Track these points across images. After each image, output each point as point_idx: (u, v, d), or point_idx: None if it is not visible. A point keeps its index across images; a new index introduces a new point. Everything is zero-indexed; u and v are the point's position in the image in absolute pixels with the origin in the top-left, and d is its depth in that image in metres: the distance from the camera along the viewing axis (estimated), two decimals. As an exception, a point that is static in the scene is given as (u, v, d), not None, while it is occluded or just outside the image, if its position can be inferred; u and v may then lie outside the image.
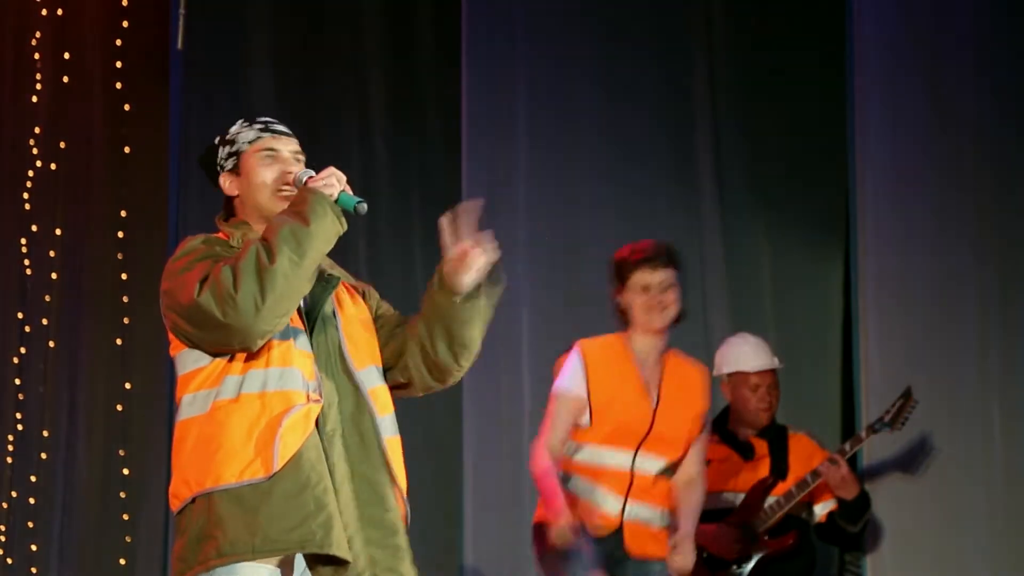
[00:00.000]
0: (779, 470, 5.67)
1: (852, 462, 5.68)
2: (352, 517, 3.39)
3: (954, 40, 5.71)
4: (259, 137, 3.60)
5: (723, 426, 5.78)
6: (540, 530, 4.87)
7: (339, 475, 3.40)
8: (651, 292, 4.90)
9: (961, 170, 5.69)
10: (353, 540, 3.37)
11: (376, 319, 3.69)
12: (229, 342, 3.35)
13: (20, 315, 7.56)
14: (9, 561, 7.41)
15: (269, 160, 3.58)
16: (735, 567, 5.62)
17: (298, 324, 3.47)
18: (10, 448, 7.49)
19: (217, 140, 3.66)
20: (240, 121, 3.65)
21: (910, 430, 5.64)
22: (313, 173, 3.51)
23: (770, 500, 5.63)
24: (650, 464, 4.91)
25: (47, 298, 7.55)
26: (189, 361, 3.44)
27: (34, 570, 7.40)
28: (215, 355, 3.40)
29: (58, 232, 7.57)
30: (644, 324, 4.93)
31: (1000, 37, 5.68)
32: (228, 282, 3.30)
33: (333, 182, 3.44)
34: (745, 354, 5.79)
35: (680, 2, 6.81)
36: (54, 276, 7.55)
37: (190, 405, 3.42)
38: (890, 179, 5.74)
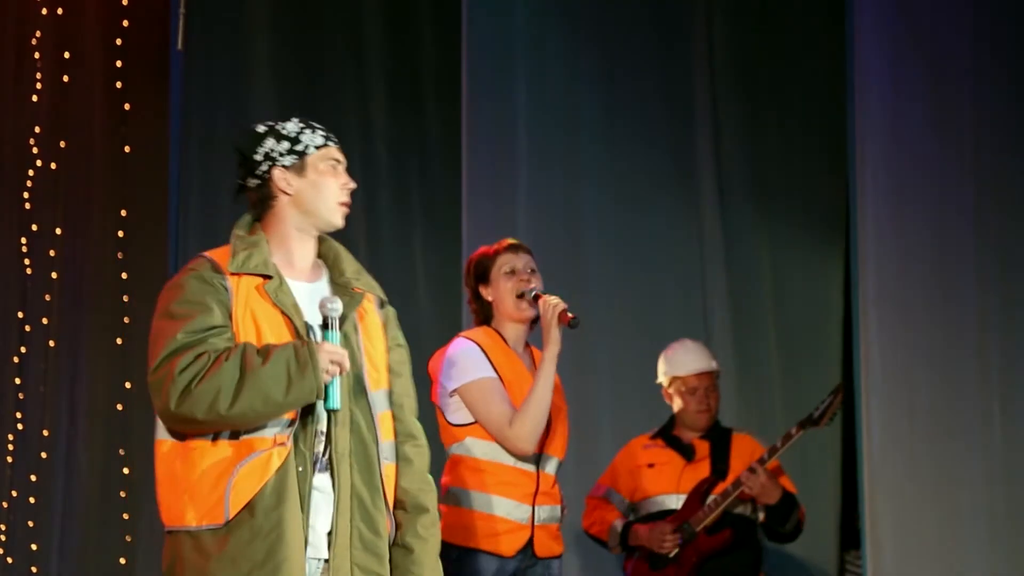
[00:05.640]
0: (719, 470, 5.76)
1: (851, 462, 5.69)
2: (345, 533, 3.48)
3: (955, 38, 5.70)
4: (327, 145, 3.64)
5: (668, 431, 5.87)
6: None
7: (343, 492, 3.48)
8: (518, 274, 4.78)
9: (962, 170, 5.68)
10: (342, 553, 3.47)
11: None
12: None
13: (20, 315, 7.56)
14: (9, 560, 7.41)
15: (333, 170, 3.63)
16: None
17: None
18: (10, 448, 7.49)
19: (263, 130, 3.63)
20: (295, 120, 3.65)
21: (910, 429, 5.64)
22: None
23: (709, 499, 5.70)
24: (550, 465, 4.74)
25: (47, 298, 7.55)
26: None
27: (34, 569, 7.40)
28: None
29: (58, 232, 7.57)
30: (514, 309, 4.77)
31: (1001, 34, 5.68)
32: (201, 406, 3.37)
33: (335, 370, 3.44)
34: (681, 358, 5.85)
35: (681, 3, 6.81)
36: (54, 276, 7.54)
37: (166, 429, 3.49)
38: (890, 179, 5.74)
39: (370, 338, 3.63)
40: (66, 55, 7.60)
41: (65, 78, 7.60)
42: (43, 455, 7.45)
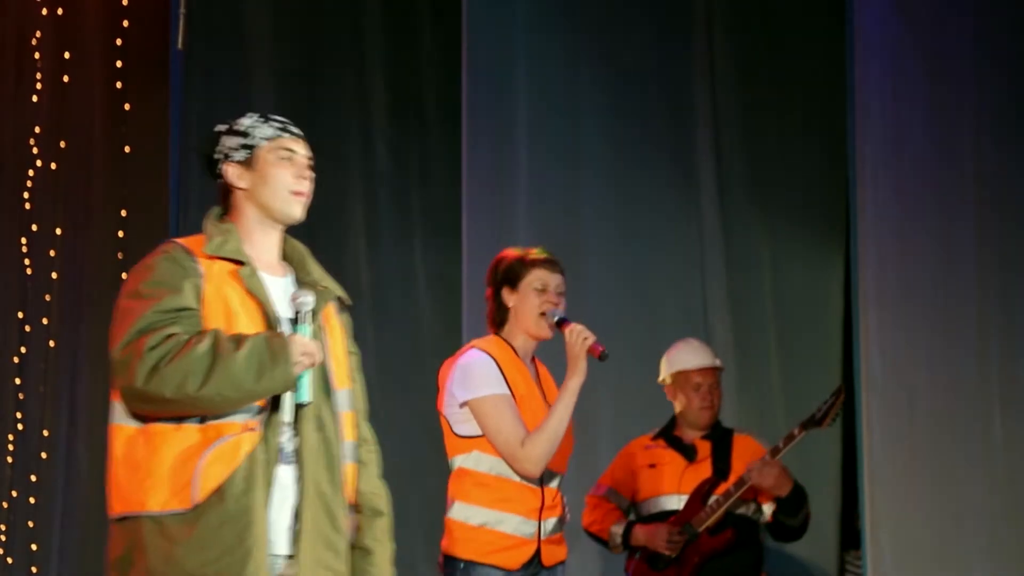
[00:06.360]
0: (720, 470, 5.75)
1: (851, 462, 5.69)
2: (310, 528, 3.45)
3: (955, 38, 5.71)
4: (278, 136, 3.60)
5: (669, 432, 5.86)
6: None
7: (310, 487, 3.45)
8: (548, 293, 4.73)
9: (962, 170, 5.69)
10: (307, 548, 3.44)
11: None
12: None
13: (20, 315, 7.57)
14: (9, 561, 7.41)
15: (286, 161, 3.58)
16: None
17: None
18: (10, 448, 7.50)
19: (223, 129, 3.65)
20: (253, 115, 3.65)
21: (910, 429, 5.64)
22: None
23: (711, 499, 5.69)
24: (555, 481, 4.72)
25: (47, 298, 7.56)
26: None
27: (34, 570, 7.41)
28: None
29: (58, 232, 7.58)
30: (534, 327, 4.73)
31: (1001, 34, 5.68)
32: (169, 386, 3.33)
33: (307, 362, 3.43)
34: (685, 355, 5.85)
35: (682, 3, 6.81)
36: (54, 276, 7.55)
37: (127, 413, 3.43)
38: (890, 179, 5.74)
39: (335, 338, 3.62)
40: (66, 55, 7.61)
41: (65, 78, 7.61)
42: (43, 455, 7.46)
